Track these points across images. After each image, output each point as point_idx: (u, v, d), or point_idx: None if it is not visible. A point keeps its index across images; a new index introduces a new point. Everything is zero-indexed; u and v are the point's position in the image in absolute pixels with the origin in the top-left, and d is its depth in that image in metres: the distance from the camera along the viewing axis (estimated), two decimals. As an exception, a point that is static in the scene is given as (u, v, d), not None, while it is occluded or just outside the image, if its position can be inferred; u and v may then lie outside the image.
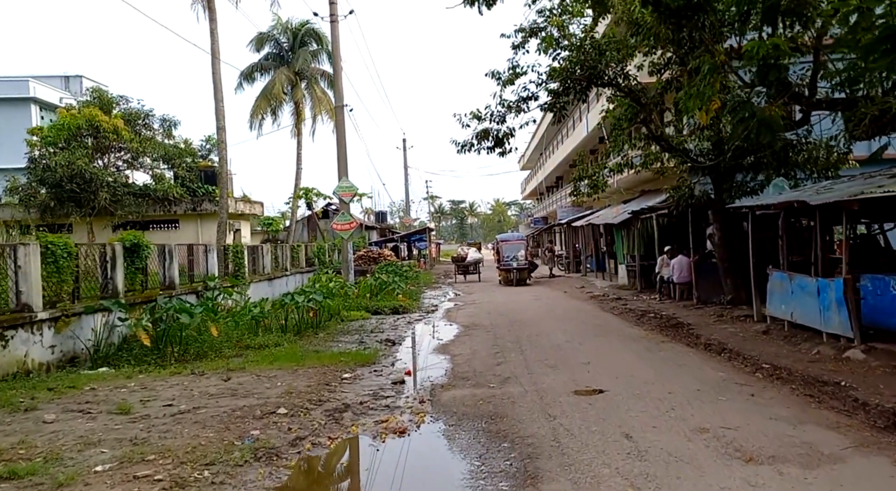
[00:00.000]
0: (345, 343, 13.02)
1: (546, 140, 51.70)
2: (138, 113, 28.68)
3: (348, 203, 22.81)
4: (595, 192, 19.37)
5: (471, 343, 12.63)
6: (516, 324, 15.19)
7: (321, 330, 14.63)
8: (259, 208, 34.27)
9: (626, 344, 11.60)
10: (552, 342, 12.17)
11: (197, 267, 17.43)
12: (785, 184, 13.35)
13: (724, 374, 8.83)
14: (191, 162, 30.79)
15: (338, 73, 22.90)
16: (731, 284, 15.71)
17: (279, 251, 24.34)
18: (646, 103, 16.13)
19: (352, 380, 9.37)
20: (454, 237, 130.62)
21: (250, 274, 21.02)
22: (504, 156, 15.32)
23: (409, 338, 13.89)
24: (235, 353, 11.96)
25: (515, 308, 18.82)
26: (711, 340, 11.23)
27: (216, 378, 9.34)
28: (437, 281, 34.31)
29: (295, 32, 43.05)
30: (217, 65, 24.10)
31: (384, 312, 18.46)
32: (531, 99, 15.08)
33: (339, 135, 22.60)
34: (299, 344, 12.74)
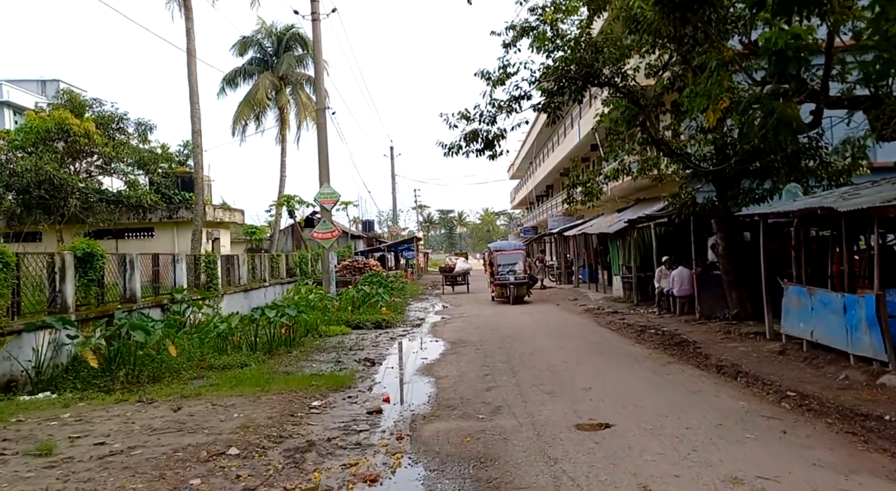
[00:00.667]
0: (319, 363, 11.86)
1: (536, 148, 50.82)
2: (112, 116, 27.38)
3: (330, 210, 21.68)
4: (589, 199, 18.39)
5: (458, 363, 11.51)
6: (507, 340, 14.08)
7: (295, 347, 13.46)
8: (239, 216, 33.01)
9: (628, 365, 10.51)
10: (547, 362, 11.06)
11: (165, 278, 16.22)
12: (798, 190, 12.37)
13: (745, 403, 7.75)
14: (167, 168, 29.52)
15: (319, 73, 21.81)
16: (736, 297, 14.71)
17: (257, 261, 23.14)
18: (645, 105, 15.16)
19: (322, 408, 8.22)
20: (443, 247, 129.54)
21: (224, 285, 19.80)
22: (494, 159, 14.28)
23: (391, 356, 12.75)
24: (196, 374, 10.79)
25: (506, 322, 17.72)
26: (723, 361, 10.16)
27: (165, 407, 8.16)
28: (424, 292, 33.18)
29: (280, 37, 42.05)
30: (193, 65, 22.99)
31: (366, 326, 17.30)
32: (524, 98, 14.04)
33: (320, 139, 21.49)
34: (269, 364, 11.57)
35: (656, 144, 15.37)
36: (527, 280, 23.68)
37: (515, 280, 23.05)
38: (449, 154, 13.96)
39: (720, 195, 14.62)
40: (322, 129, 21.59)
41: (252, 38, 42.23)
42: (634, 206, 25.15)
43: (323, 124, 21.62)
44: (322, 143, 21.52)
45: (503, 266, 23.69)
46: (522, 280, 23.41)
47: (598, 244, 28.34)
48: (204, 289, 18.10)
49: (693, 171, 14.87)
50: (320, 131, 21.61)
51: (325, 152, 21.68)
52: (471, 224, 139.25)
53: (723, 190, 14.55)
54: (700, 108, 11.15)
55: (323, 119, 21.72)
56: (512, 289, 22.92)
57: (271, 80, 40.53)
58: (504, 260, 24.03)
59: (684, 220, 16.33)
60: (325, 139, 21.59)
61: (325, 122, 21.73)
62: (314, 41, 21.61)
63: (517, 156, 65.61)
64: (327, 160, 21.58)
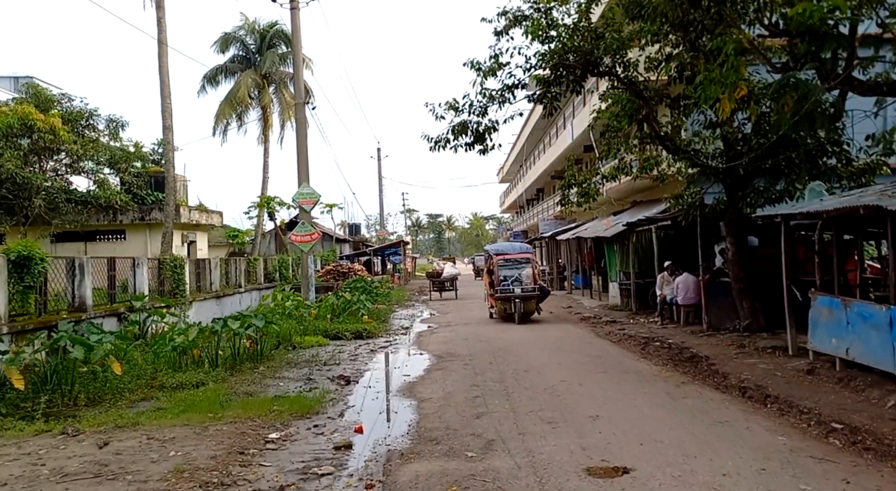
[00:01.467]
0: (288, 381, 10.51)
1: (527, 151, 49.69)
2: (81, 112, 25.89)
3: (309, 212, 20.34)
4: (586, 200, 17.14)
5: (444, 381, 10.20)
6: (499, 354, 12.80)
7: (264, 361, 12.10)
8: (217, 218, 31.54)
9: (637, 386, 9.24)
10: (545, 381, 9.78)
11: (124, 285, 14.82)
12: (823, 188, 11.18)
13: (785, 438, 6.50)
14: (140, 167, 28.07)
15: (298, 66, 20.47)
16: (747, 307, 13.49)
17: (231, 265, 21.75)
18: (649, 97, 13.95)
19: (280, 443, 6.90)
20: (432, 251, 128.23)
21: (194, 292, 18.41)
22: (485, 153, 12.99)
23: (370, 372, 11.41)
24: (143, 395, 9.43)
25: (497, 333, 16.43)
26: (745, 382, 8.92)
27: (91, 442, 6.80)
28: (410, 298, 31.85)
29: (263, 34, 40.69)
30: (164, 57, 21.60)
31: (345, 336, 15.95)
32: (518, 87, 12.77)
33: (299, 135, 20.16)
34: (229, 383, 10.22)
35: (660, 140, 14.15)
36: (537, 292, 18.37)
37: (522, 292, 17.92)
38: (435, 148, 12.68)
39: (730, 196, 13.40)
40: (301, 126, 20.27)
41: (234, 34, 40.86)
42: (631, 209, 23.96)
43: (302, 120, 20.29)
44: (301, 141, 20.19)
45: (506, 274, 18.50)
46: (531, 292, 18.12)
47: (590, 248, 27.17)
48: (170, 296, 16.72)
49: (701, 169, 13.65)
50: (299, 127, 20.28)
51: (305, 150, 20.35)
52: (460, 228, 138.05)
53: (733, 190, 13.34)
54: (714, 97, 10.00)
55: (302, 115, 20.39)
56: (518, 304, 17.74)
57: (254, 79, 39.17)
58: (507, 266, 18.78)
59: (687, 224, 15.14)
60: (304, 136, 20.27)
61: (304, 118, 20.41)
62: (293, 32, 20.27)
63: (507, 159, 64.51)
64: (307, 159, 20.25)
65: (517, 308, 17.75)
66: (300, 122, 20.24)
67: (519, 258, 19.21)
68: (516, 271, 18.52)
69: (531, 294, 18.16)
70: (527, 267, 18.69)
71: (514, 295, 17.89)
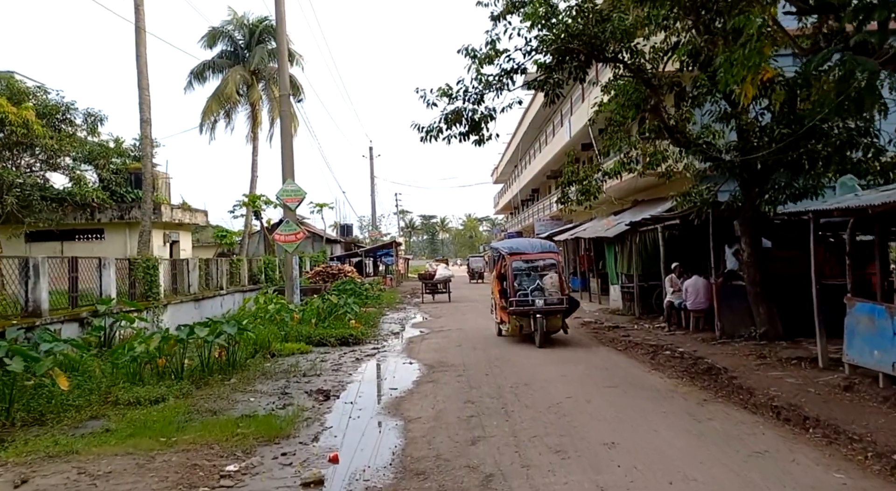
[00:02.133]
0: (260, 395, 9.40)
1: (522, 150, 48.68)
2: (57, 106, 24.69)
3: (294, 210, 19.20)
4: (587, 198, 16.09)
5: (435, 396, 9.11)
6: (495, 364, 11.72)
7: (236, 372, 10.97)
8: (202, 218, 30.34)
9: (654, 404, 8.16)
10: (548, 397, 8.70)
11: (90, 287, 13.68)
12: (855, 182, 10.14)
13: (843, 475, 5.43)
14: (120, 163, 26.90)
15: (283, 54, 19.31)
16: (764, 313, 12.45)
17: (212, 266, 20.60)
18: (658, 85, 12.92)
19: (238, 477, 5.79)
20: (425, 253, 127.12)
21: (170, 294, 17.27)
22: (481, 144, 11.90)
23: (353, 385, 10.30)
24: (92, 414, 8.30)
25: (492, 339, 15.35)
26: (776, 400, 7.85)
27: (6, 479, 5.67)
28: (402, 300, 30.73)
29: (252, 29, 39.62)
30: (142, 46, 20.44)
31: (329, 343, 14.83)
32: (517, 72, 11.69)
33: (283, 129, 19.04)
34: (193, 398, 9.10)
35: (669, 133, 13.11)
36: (564, 304, 13.91)
37: (546, 305, 13.53)
38: (426, 138, 11.60)
39: (746, 192, 12.35)
40: (286, 119, 19.15)
41: (222, 29, 39.79)
42: (632, 209, 22.94)
43: (287, 113, 19.18)
44: (286, 135, 19.08)
45: (525, 281, 14.24)
46: (557, 304, 13.73)
47: (587, 250, 26.12)
48: (142, 299, 15.59)
49: (714, 164, 12.60)
50: (284, 121, 19.16)
51: (290, 145, 19.24)
52: (453, 230, 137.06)
53: (749, 186, 12.29)
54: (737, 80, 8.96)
55: (287, 107, 19.28)
56: (540, 321, 13.29)
57: (242, 75, 38.07)
58: (525, 270, 14.58)
59: (695, 224, 14.12)
60: (289, 130, 19.17)
61: (288, 111, 19.32)
62: (277, 18, 19.14)
63: (501, 159, 63.51)
64: (292, 154, 19.12)
65: (538, 326, 13.28)
66: (284, 115, 19.12)
67: (541, 260, 14.77)
68: (538, 277, 14.27)
69: (557, 307, 13.68)
70: (551, 272, 14.31)
71: (534, 309, 13.46)
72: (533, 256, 14.85)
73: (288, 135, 19.04)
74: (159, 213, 25.56)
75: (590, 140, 26.36)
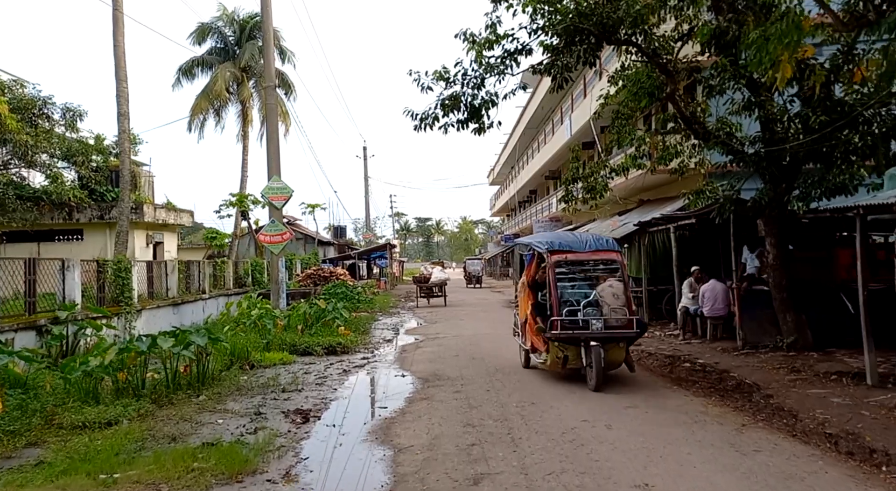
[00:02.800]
0: (230, 416, 8.23)
1: (519, 151, 47.61)
2: (33, 100, 23.44)
3: (280, 209, 18.02)
4: (592, 197, 14.98)
5: (430, 418, 7.95)
6: (497, 376, 10.58)
7: (209, 387, 9.78)
8: (187, 218, 29.10)
9: (685, 430, 7.00)
10: (561, 420, 7.55)
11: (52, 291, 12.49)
12: (904, 175, 9.06)
13: (946, 533, 4.30)
14: (101, 161, 25.65)
15: (268, 43, 18.12)
16: (791, 321, 11.35)
17: (193, 268, 19.40)
18: (674, 72, 11.81)
19: (184, 532, 4.63)
20: (420, 255, 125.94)
21: (145, 299, 16.07)
22: (481, 133, 10.74)
23: (336, 403, 9.13)
24: (31, 440, 7.12)
25: (491, 347, 14.21)
26: (828, 426, 6.72)
27: None
28: (396, 304, 29.57)
29: (242, 25, 38.59)
30: (120, 36, 19.27)
31: (315, 352, 13.67)
32: (521, 53, 10.55)
33: (269, 123, 17.90)
34: (152, 420, 7.92)
35: (687, 123, 12.02)
36: (633, 328, 9.58)
37: (607, 327, 9.42)
38: (421, 127, 10.46)
39: (774, 188, 11.23)
40: (272, 112, 18.00)
41: (211, 25, 38.75)
42: (638, 209, 21.88)
43: (273, 106, 18.03)
44: (272, 129, 17.94)
45: (571, 291, 10.15)
46: (624, 328, 9.51)
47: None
48: (112, 303, 14.40)
49: (737, 158, 11.48)
50: (269, 115, 18.01)
51: (276, 140, 18.09)
52: (449, 233, 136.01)
53: (777, 181, 11.17)
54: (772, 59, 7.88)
55: (272, 100, 18.13)
56: (596, 352, 9.15)
57: (232, 72, 36.97)
58: (574, 277, 10.33)
59: (716, 222, 13.03)
60: (274, 124, 18.03)
61: (273, 104, 18.16)
62: (262, 4, 17.97)
63: (497, 160, 62.48)
64: (278, 149, 17.98)
65: (594, 359, 9.06)
66: (270, 108, 17.97)
67: (596, 261, 10.28)
68: (591, 286, 10.06)
69: (622, 333, 9.37)
70: (612, 279, 9.87)
71: (589, 334, 9.22)
72: (584, 256, 10.13)
73: (274, 129, 17.90)
74: (141, 212, 24.38)
75: (592, 138, 25.31)
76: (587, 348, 9.26)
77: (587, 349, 9.26)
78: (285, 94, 38.73)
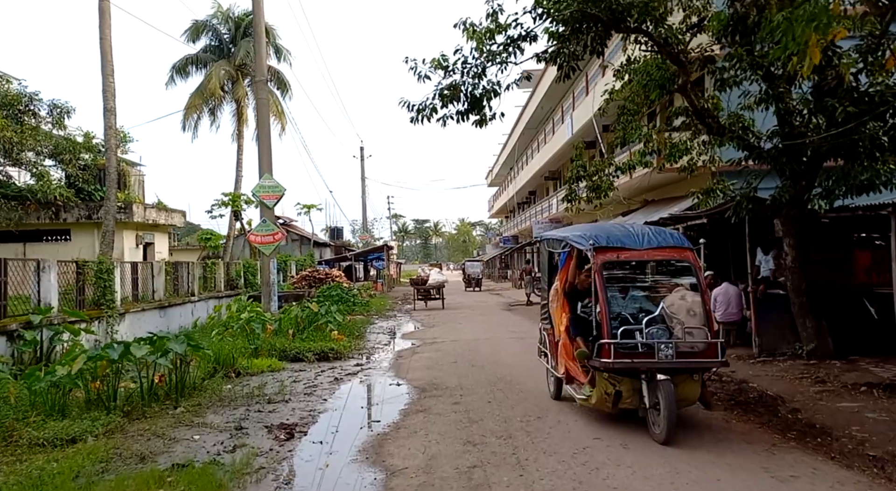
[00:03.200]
0: (208, 431, 7.52)
1: (518, 152, 46.97)
2: (18, 96, 22.73)
3: (272, 208, 17.33)
4: (597, 196, 14.38)
5: (427, 434, 7.26)
6: (499, 385, 9.90)
7: (188, 397, 9.08)
8: (179, 218, 28.37)
9: (712, 452, 6.28)
10: (570, 438, 6.86)
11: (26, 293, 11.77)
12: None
13: None
14: (89, 159, 24.93)
15: (259, 34, 17.40)
16: (812, 328, 10.67)
17: (182, 270, 18.68)
18: (686, 62, 11.15)
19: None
20: (418, 257, 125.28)
21: (129, 301, 15.35)
22: (483, 125, 10.06)
23: (325, 416, 8.43)
24: (-17, 461, 6.41)
25: (492, 352, 13.53)
26: (870, 446, 6.07)
27: None
28: (392, 307, 28.90)
29: (238, 22, 37.85)
30: (107, 28, 18.56)
31: (306, 358, 12.96)
32: (525, 39, 9.87)
33: (260, 118, 17.23)
34: (121, 435, 7.22)
35: (700, 117, 11.35)
36: (715, 355, 6.87)
37: (679, 355, 6.77)
38: (418, 119, 9.77)
39: (794, 185, 10.55)
40: (263, 107, 17.32)
41: (206, 22, 38.02)
42: (643, 209, 21.23)
43: (264, 100, 17.35)
44: (262, 124, 17.25)
45: (624, 301, 7.73)
46: (701, 355, 6.91)
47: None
48: (93, 306, 13.68)
49: (755, 154, 10.81)
50: (260, 110, 17.33)
51: (268, 136, 17.40)
52: (447, 234, 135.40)
53: (797, 178, 10.50)
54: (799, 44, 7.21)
55: (263, 94, 17.44)
56: (666, 388, 6.57)
57: (227, 70, 36.25)
58: (626, 282, 8.10)
59: (720, 225, 12.41)
60: (266, 120, 17.34)
61: (265, 98, 17.48)
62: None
63: (496, 161, 61.83)
64: (269, 146, 17.29)
65: (665, 398, 6.53)
66: (261, 102, 17.28)
67: (661, 263, 8.18)
68: (654, 297, 7.81)
69: (702, 362, 6.94)
70: (682, 287, 7.52)
71: (656, 364, 6.71)
72: (643, 255, 7.36)
73: (265, 125, 17.21)
74: (130, 212, 23.69)
75: (594, 137, 24.65)
76: (651, 383, 6.64)
77: (651, 384, 6.64)
78: (281, 92, 38.10)
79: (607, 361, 6.70)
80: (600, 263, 7.11)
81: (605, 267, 7.27)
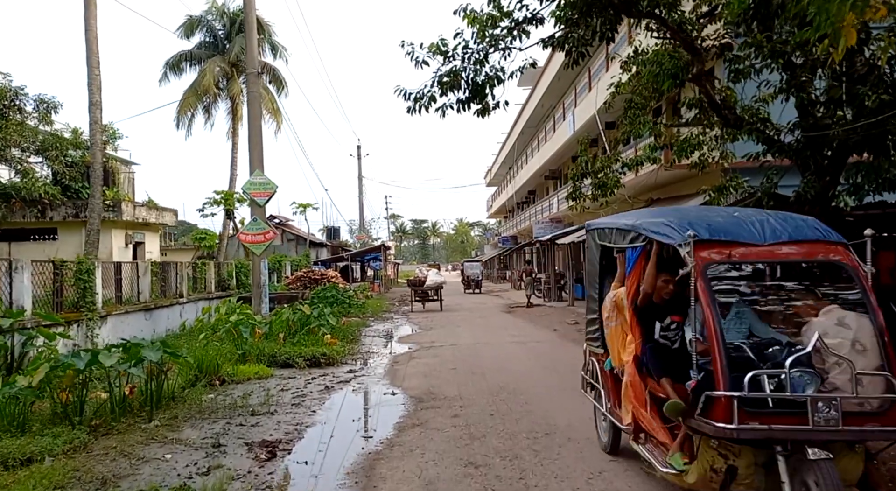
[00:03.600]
0: (182, 449, 6.81)
1: (517, 151, 46.30)
2: (2, 91, 21.99)
3: (263, 206, 16.61)
4: (603, 194, 13.69)
5: (423, 454, 6.55)
6: (502, 396, 9.19)
7: (164, 409, 8.38)
8: (170, 217, 27.61)
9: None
10: (586, 461, 6.16)
11: None
12: None
13: None
14: (77, 156, 24.20)
15: (250, 21, 16.63)
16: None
17: (170, 270, 17.97)
18: (701, 50, 10.45)
19: None
20: (416, 257, 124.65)
21: (112, 303, 14.64)
22: (485, 115, 9.33)
23: (312, 431, 7.72)
24: (-78, 487, 5.69)
25: (493, 359, 12.83)
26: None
27: None
28: (389, 309, 28.20)
29: (233, 18, 37.13)
30: (92, 19, 17.83)
31: (297, 364, 12.26)
32: (531, 22, 9.17)
33: (251, 113, 16.50)
34: (85, 454, 6.50)
35: (716, 109, 10.64)
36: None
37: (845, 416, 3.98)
38: (415, 109, 9.06)
39: (819, 180, 9.85)
40: (254, 101, 16.60)
41: (201, 18, 37.39)
42: (648, 208, 20.51)
43: (255, 94, 16.63)
44: (254, 119, 16.53)
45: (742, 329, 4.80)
46: (877, 417, 4.06)
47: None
48: (72, 309, 12.97)
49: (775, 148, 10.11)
50: (252, 104, 16.62)
51: (259, 132, 16.68)
52: (445, 234, 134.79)
53: (821, 173, 9.79)
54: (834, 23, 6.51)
55: (255, 88, 16.72)
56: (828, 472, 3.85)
57: (221, 67, 35.57)
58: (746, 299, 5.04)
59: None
60: (257, 114, 16.62)
61: (256, 92, 16.75)
62: (244, -17, 16.58)
63: (495, 160, 61.14)
64: (261, 141, 16.57)
65: (826, 483, 3.81)
66: (252, 96, 16.57)
67: (796, 267, 5.40)
68: (790, 319, 4.95)
69: (883, 431, 4.12)
70: (836, 305, 4.50)
71: (808, 433, 3.98)
72: (769, 252, 4.71)
73: (256, 119, 16.50)
74: (119, 211, 22.95)
75: (596, 134, 24.00)
76: (795, 460, 4.09)
77: (797, 462, 4.08)
78: (277, 90, 37.49)
79: (727, 428, 4.06)
80: (702, 265, 4.49)
81: (710, 269, 4.61)
